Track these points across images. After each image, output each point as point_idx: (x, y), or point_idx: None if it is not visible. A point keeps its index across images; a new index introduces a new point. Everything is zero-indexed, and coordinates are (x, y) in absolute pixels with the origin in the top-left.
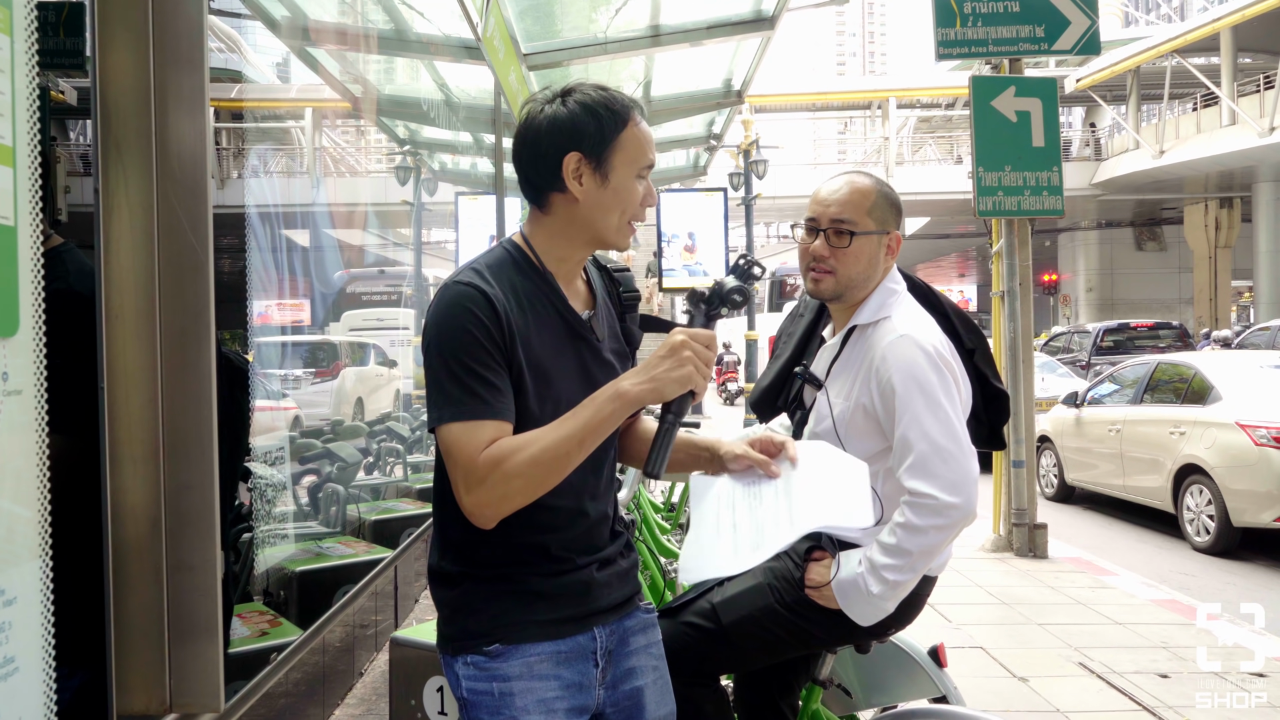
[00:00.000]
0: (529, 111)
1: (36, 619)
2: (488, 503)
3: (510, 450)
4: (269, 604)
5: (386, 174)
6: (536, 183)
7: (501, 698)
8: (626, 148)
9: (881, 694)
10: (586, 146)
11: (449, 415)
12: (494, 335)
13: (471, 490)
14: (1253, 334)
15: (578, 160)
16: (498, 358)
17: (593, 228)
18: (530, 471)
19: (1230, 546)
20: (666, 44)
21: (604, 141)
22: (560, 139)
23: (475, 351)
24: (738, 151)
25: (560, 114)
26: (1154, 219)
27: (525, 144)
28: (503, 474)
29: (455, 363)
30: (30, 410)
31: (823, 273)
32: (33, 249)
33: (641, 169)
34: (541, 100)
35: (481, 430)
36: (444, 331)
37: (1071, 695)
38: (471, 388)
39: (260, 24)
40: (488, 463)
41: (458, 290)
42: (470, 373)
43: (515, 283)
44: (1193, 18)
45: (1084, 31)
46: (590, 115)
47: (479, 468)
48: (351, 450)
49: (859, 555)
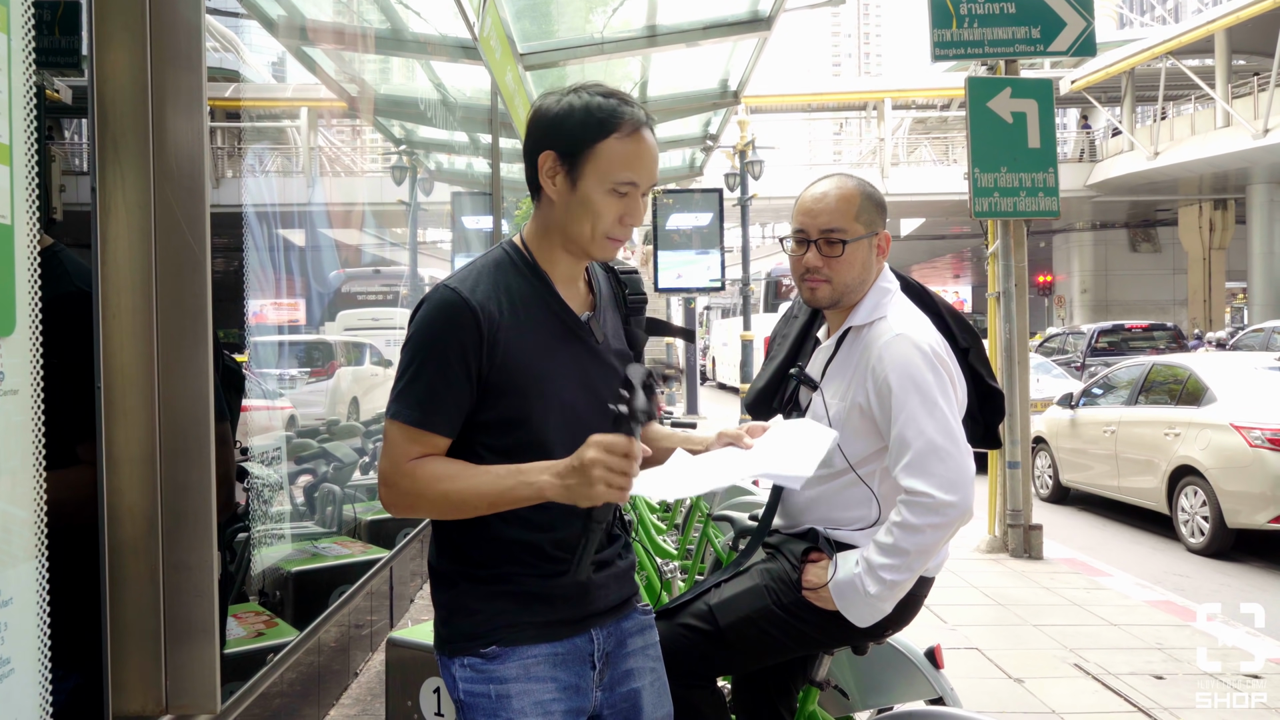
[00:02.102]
0: (534, 105)
1: (32, 620)
2: (392, 504)
3: (430, 475)
4: (265, 604)
5: (383, 174)
6: (528, 176)
7: (499, 700)
8: (600, 159)
9: (878, 695)
10: (561, 146)
11: (398, 413)
12: (467, 349)
13: (386, 486)
14: (1247, 335)
15: (552, 159)
16: (462, 374)
17: (565, 232)
18: (438, 503)
19: (1225, 548)
20: (663, 44)
21: (577, 146)
22: (539, 134)
23: (441, 363)
24: (734, 152)
25: (552, 109)
26: (1148, 220)
27: (524, 136)
28: (415, 491)
29: (421, 365)
30: (26, 410)
31: (818, 282)
32: (29, 248)
33: (617, 184)
34: (551, 94)
35: (419, 440)
36: (422, 333)
37: (1067, 696)
38: (424, 396)
39: (257, 23)
40: (409, 474)
41: (444, 296)
42: (429, 381)
43: (510, 284)
44: (1187, 19)
45: (1080, 33)
46: (575, 117)
47: (400, 473)
48: (347, 450)
49: (856, 556)
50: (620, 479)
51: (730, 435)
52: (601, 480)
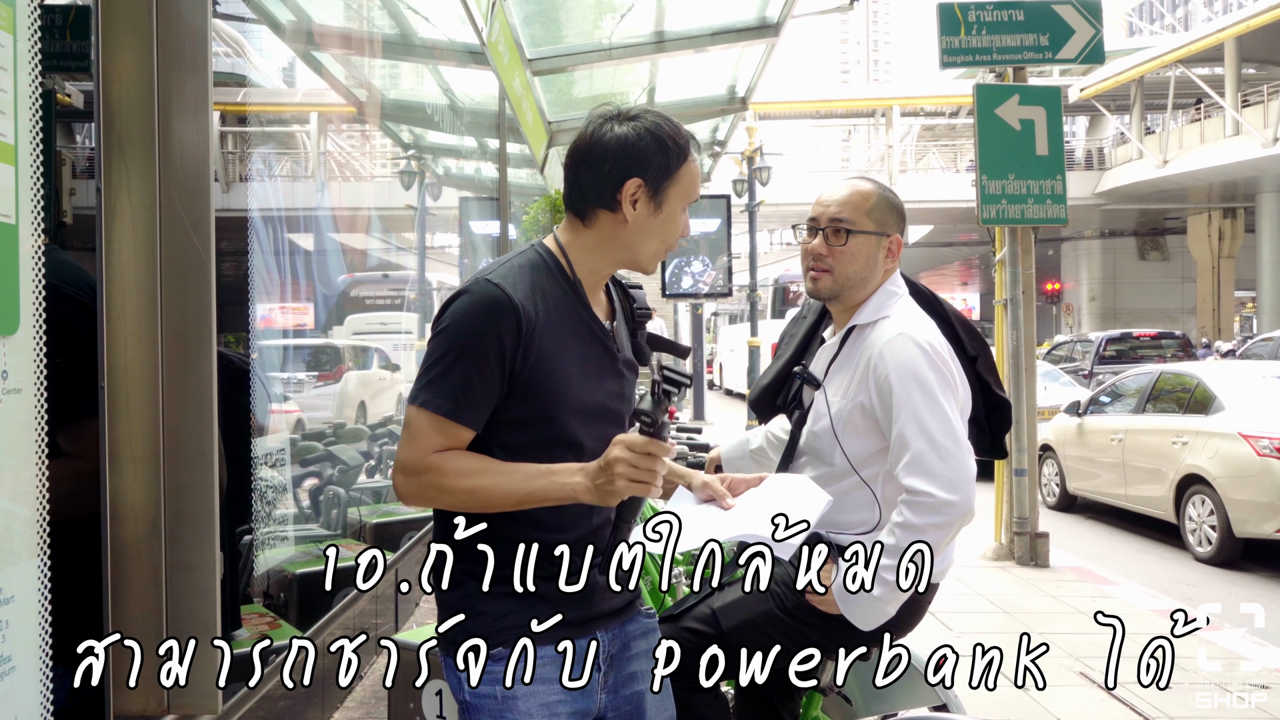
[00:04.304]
0: (594, 128)
1: (34, 618)
2: (411, 495)
3: (457, 469)
4: (268, 606)
5: (391, 178)
6: (590, 197)
7: (504, 701)
8: (683, 181)
9: (882, 701)
10: (650, 174)
11: (428, 402)
12: (505, 348)
13: (405, 476)
14: (1256, 344)
15: (637, 185)
16: (498, 371)
17: (631, 250)
18: (463, 498)
19: (1232, 557)
20: (671, 50)
21: (667, 172)
22: (627, 162)
23: (479, 358)
24: (741, 158)
25: (629, 137)
26: (1157, 229)
27: (586, 158)
28: (438, 484)
29: (457, 357)
30: (29, 409)
31: (820, 271)
32: (33, 248)
33: (690, 202)
34: (606, 116)
35: (446, 431)
36: (461, 324)
37: (1072, 705)
38: (458, 388)
39: (266, 28)
40: (433, 466)
41: (489, 291)
42: (465, 374)
43: (544, 287)
44: (1197, 28)
45: (1088, 41)
46: (659, 145)
47: (423, 463)
48: (353, 453)
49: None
50: (645, 474)
51: (714, 491)
52: (623, 477)
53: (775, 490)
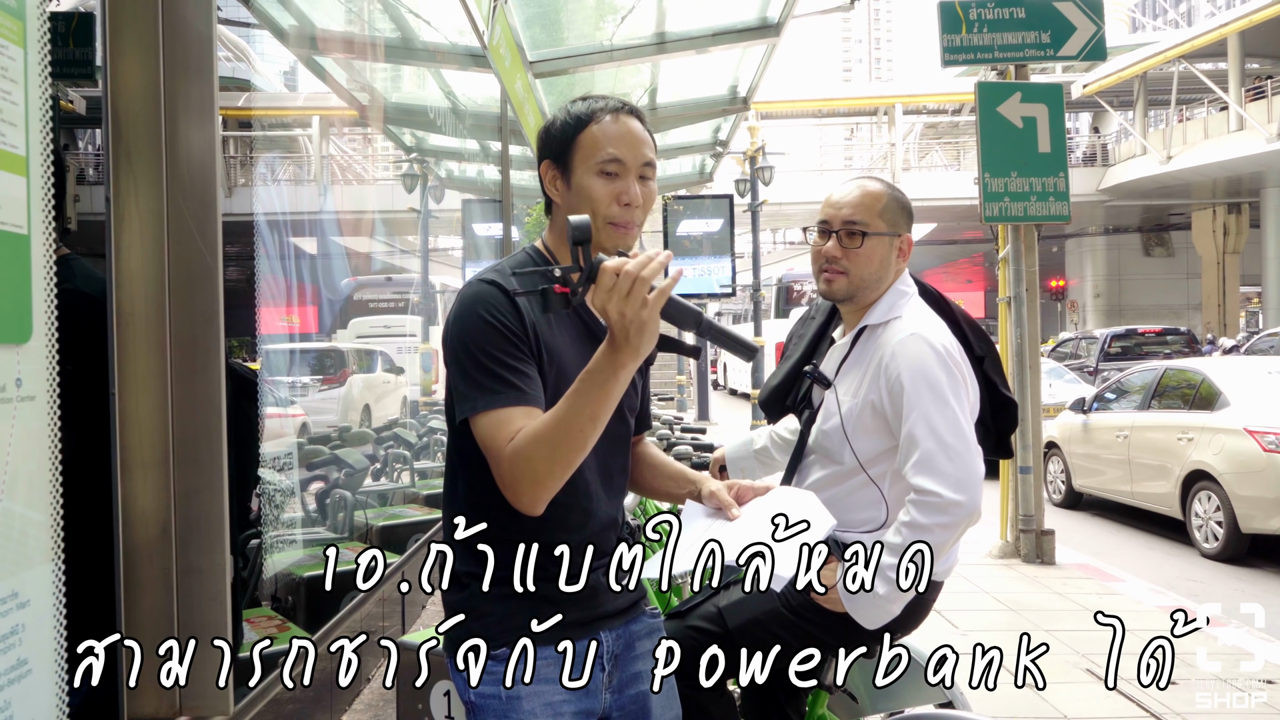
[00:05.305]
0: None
1: (49, 622)
2: (521, 492)
3: (526, 441)
4: (277, 609)
5: (393, 181)
6: (543, 193)
7: (509, 701)
8: (583, 147)
9: (888, 699)
10: (553, 152)
11: (482, 404)
12: (515, 329)
13: (504, 482)
14: (1261, 340)
15: (549, 166)
16: (523, 348)
17: None
18: (549, 457)
19: (1239, 553)
20: (672, 51)
21: (565, 146)
22: (538, 150)
23: (500, 342)
24: (744, 158)
25: (544, 127)
26: (1162, 225)
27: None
28: (530, 469)
29: (481, 354)
30: (42, 416)
31: (835, 273)
32: (45, 257)
33: (601, 164)
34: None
35: (511, 420)
36: (467, 326)
37: (1078, 701)
38: (501, 375)
39: (268, 33)
40: (512, 456)
41: (480, 288)
42: (497, 361)
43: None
44: (1200, 23)
45: (1090, 37)
46: (560, 122)
47: (505, 459)
48: (359, 456)
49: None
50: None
51: (721, 502)
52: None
53: (781, 504)
